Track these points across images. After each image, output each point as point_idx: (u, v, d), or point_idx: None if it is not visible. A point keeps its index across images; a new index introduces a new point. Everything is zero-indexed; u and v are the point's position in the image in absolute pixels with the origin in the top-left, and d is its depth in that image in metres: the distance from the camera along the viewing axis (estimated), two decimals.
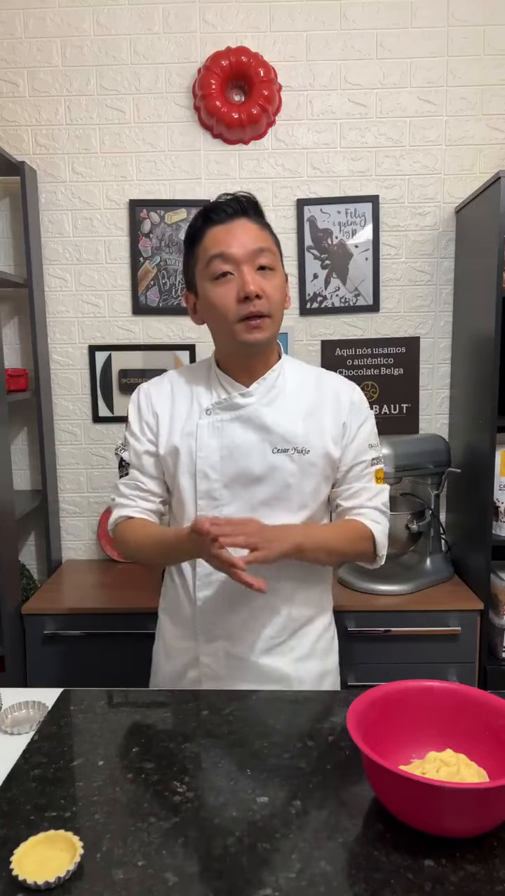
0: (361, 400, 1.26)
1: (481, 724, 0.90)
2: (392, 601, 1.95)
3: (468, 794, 0.76)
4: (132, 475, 1.26)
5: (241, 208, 1.17)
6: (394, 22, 2.09)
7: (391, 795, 0.82)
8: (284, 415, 1.19)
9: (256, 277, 1.13)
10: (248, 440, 1.18)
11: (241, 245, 1.13)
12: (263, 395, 1.20)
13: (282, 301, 1.18)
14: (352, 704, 0.88)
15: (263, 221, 1.19)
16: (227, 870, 0.76)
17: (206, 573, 1.20)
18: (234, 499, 1.20)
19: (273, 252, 1.16)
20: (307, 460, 1.19)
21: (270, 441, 1.18)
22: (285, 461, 1.18)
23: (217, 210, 1.17)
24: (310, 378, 1.26)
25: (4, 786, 0.91)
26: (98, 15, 2.11)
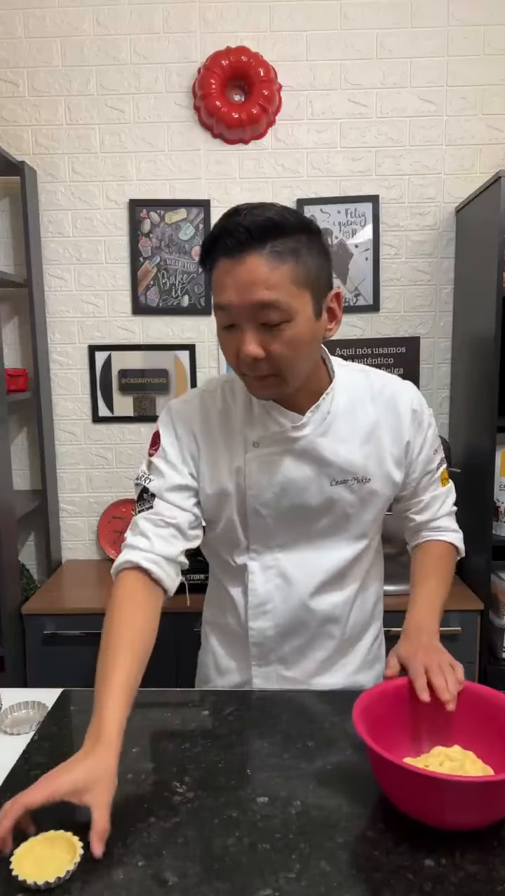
0: (420, 405, 1.13)
1: (498, 724, 0.90)
2: (392, 601, 1.93)
3: (459, 786, 0.76)
4: (157, 509, 1.06)
5: (251, 237, 0.88)
6: (394, 22, 2.09)
7: (391, 786, 0.82)
8: (340, 443, 1.07)
9: (257, 337, 0.93)
10: (303, 474, 1.07)
11: (241, 297, 0.90)
12: (317, 425, 1.06)
13: (301, 353, 0.96)
14: (360, 697, 0.89)
15: (281, 251, 0.89)
16: (227, 870, 0.76)
17: (259, 603, 1.13)
18: (289, 531, 1.11)
19: (285, 302, 0.90)
20: (368, 489, 1.09)
21: (327, 474, 1.07)
22: (344, 492, 1.09)
23: (223, 238, 0.91)
24: (361, 387, 1.12)
25: (4, 786, 0.91)
26: (98, 15, 2.11)
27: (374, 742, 0.80)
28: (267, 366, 0.95)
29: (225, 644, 1.22)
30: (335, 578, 1.14)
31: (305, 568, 1.12)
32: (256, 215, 0.89)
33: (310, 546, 1.12)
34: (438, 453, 1.19)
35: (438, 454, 1.19)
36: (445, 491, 1.22)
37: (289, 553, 1.12)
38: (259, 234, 0.88)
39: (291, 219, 0.91)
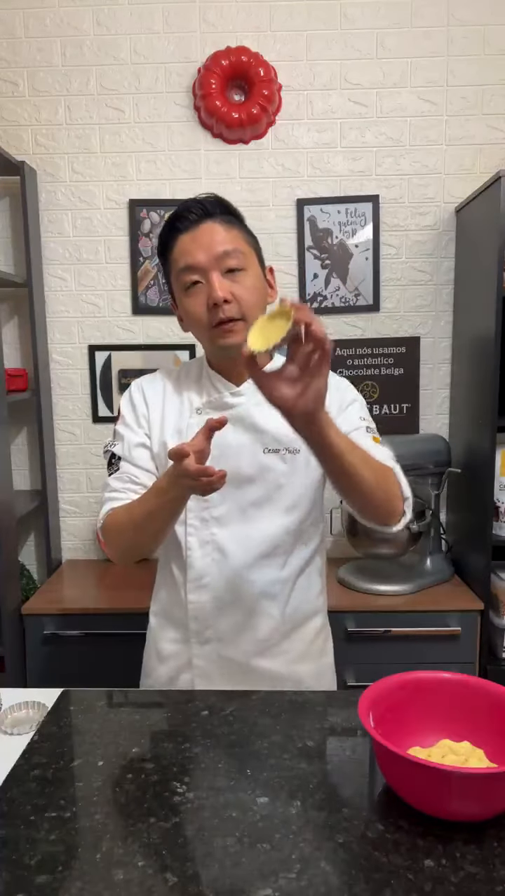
0: (346, 387, 1.24)
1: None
2: (392, 601, 1.95)
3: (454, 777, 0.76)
4: (124, 468, 1.21)
5: (206, 211, 1.13)
6: (394, 22, 2.09)
7: (393, 776, 0.84)
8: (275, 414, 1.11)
9: (224, 282, 1.10)
10: (238, 440, 1.17)
11: (205, 251, 1.10)
12: (253, 394, 1.11)
13: (257, 301, 1.13)
14: (367, 689, 0.90)
15: (231, 219, 1.15)
16: (227, 870, 0.76)
17: (197, 576, 1.20)
18: (225, 499, 1.17)
19: (242, 252, 1.13)
20: (299, 459, 1.17)
21: (261, 441, 1.17)
22: (276, 461, 1.17)
23: (181, 218, 1.14)
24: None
25: (4, 786, 0.91)
26: (98, 15, 2.11)
27: (378, 733, 0.81)
28: (234, 308, 1.10)
29: (166, 627, 1.27)
30: (271, 551, 1.18)
31: (240, 541, 1.18)
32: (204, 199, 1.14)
33: (244, 519, 1.18)
34: (364, 421, 1.20)
35: (364, 422, 1.19)
36: (377, 446, 1.15)
37: (225, 527, 1.18)
38: (211, 208, 1.14)
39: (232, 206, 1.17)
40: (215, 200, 1.15)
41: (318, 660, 1.28)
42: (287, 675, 1.23)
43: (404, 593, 1.98)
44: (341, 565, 2.16)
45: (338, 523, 2.19)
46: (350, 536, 2.09)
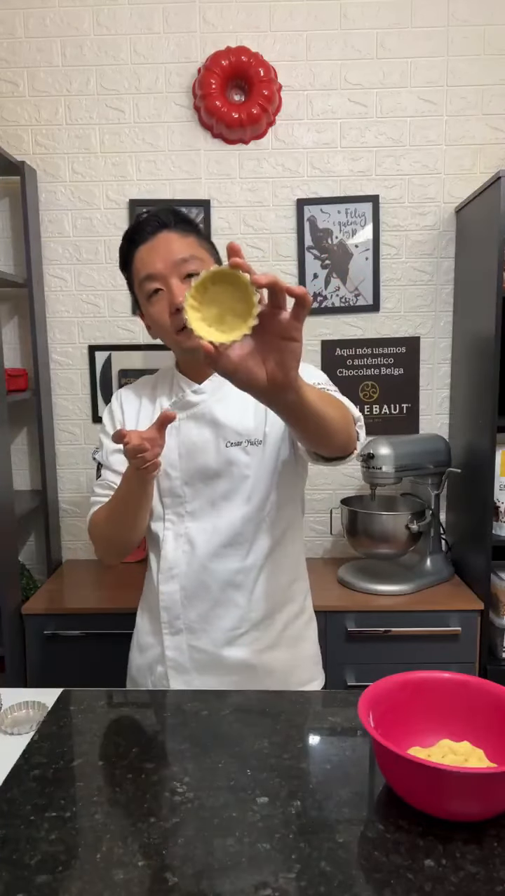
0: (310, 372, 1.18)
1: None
2: (392, 601, 1.95)
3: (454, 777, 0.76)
4: (104, 475, 1.30)
5: (161, 222, 1.17)
6: (394, 22, 2.09)
7: (392, 775, 0.84)
8: (234, 408, 1.21)
9: (184, 287, 1.14)
10: (202, 437, 1.22)
11: (164, 259, 1.15)
12: (214, 392, 1.22)
13: None
14: (367, 689, 0.90)
15: (186, 228, 1.19)
16: (227, 870, 0.76)
17: (168, 567, 1.25)
18: (196, 495, 1.23)
19: (200, 258, 1.17)
20: (261, 450, 1.20)
21: (223, 436, 1.21)
22: (239, 454, 1.20)
23: (138, 230, 1.18)
24: None
25: (4, 786, 0.91)
26: (98, 15, 2.11)
27: (378, 733, 0.81)
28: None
29: (146, 619, 1.33)
30: (233, 541, 1.21)
31: (206, 532, 1.22)
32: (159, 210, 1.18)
33: (213, 512, 1.22)
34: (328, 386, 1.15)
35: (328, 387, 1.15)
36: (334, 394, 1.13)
37: (197, 521, 1.23)
38: (166, 219, 1.17)
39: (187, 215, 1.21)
40: (170, 211, 1.19)
41: (292, 648, 1.29)
42: (258, 664, 1.25)
43: (404, 593, 1.98)
44: (341, 565, 2.16)
45: (338, 523, 2.19)
46: (350, 536, 2.09)
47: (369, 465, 1.97)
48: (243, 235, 2.19)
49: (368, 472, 1.99)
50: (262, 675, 1.25)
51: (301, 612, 1.32)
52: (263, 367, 0.78)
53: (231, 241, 0.75)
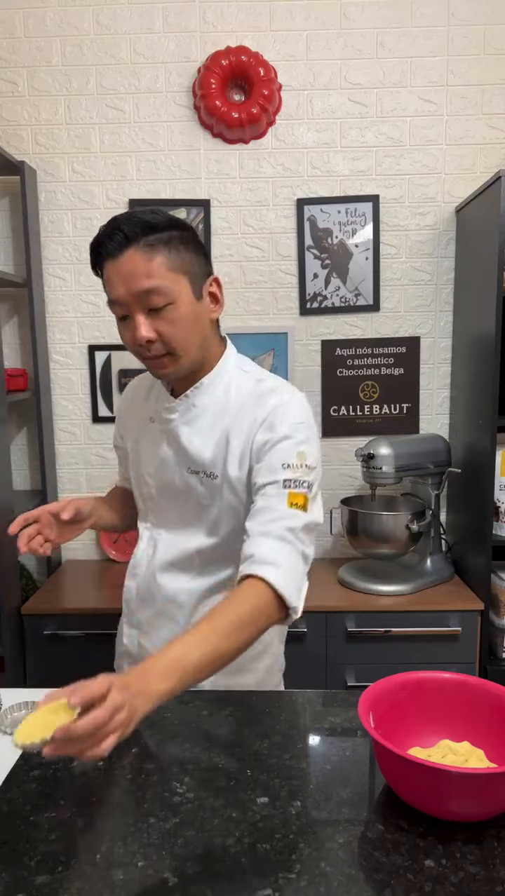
0: (282, 415, 1.09)
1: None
2: (392, 601, 1.95)
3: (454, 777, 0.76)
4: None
5: (126, 237, 1.02)
6: (394, 21, 2.09)
7: (392, 776, 0.84)
8: (199, 435, 1.15)
9: (148, 322, 1.04)
10: (169, 456, 1.19)
11: (126, 287, 1.03)
12: (183, 413, 1.16)
13: (187, 331, 1.06)
14: (367, 689, 0.90)
15: (154, 244, 1.02)
16: (227, 870, 0.76)
17: (133, 564, 1.28)
18: (167, 506, 1.22)
19: (163, 288, 1.02)
20: (215, 485, 1.14)
21: (184, 461, 1.17)
22: (197, 483, 1.16)
23: (103, 244, 1.04)
24: (244, 391, 1.14)
25: (4, 786, 0.91)
26: (98, 14, 2.11)
27: (378, 733, 0.81)
28: (160, 346, 1.07)
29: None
30: (183, 563, 1.20)
31: (167, 545, 1.22)
32: (128, 219, 1.03)
33: (180, 528, 1.20)
34: (289, 471, 1.06)
35: (289, 471, 1.06)
36: (288, 512, 1.04)
37: (167, 530, 1.23)
38: (132, 233, 1.02)
39: (161, 217, 1.04)
40: (138, 222, 1.02)
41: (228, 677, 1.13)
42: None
43: (404, 593, 1.98)
44: (341, 565, 2.16)
45: (338, 523, 2.19)
46: (350, 536, 2.09)
47: (369, 465, 1.97)
48: (243, 235, 2.19)
49: (368, 472, 1.99)
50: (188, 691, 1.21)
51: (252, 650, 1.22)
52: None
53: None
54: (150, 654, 1.12)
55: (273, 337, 2.22)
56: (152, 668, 0.84)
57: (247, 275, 2.21)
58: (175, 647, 0.87)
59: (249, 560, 1.00)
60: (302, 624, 1.89)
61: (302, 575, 1.04)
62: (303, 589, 1.04)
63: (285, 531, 1.03)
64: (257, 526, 1.04)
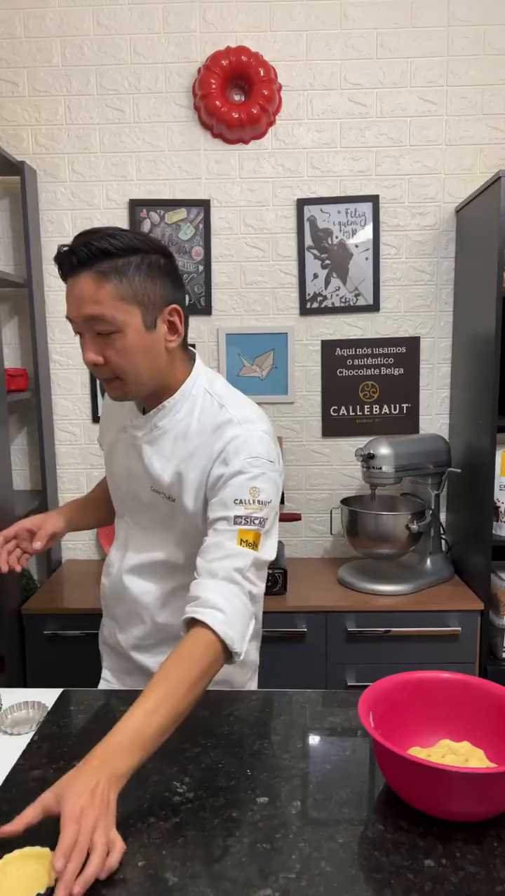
0: (236, 450, 1.08)
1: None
2: (392, 601, 1.95)
3: (454, 777, 0.76)
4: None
5: (79, 260, 1.00)
6: (394, 22, 2.09)
7: (392, 775, 0.84)
8: (158, 458, 1.15)
9: (96, 345, 1.04)
10: (136, 470, 1.19)
11: (77, 310, 1.02)
12: (147, 433, 1.16)
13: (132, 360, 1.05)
14: (366, 690, 0.90)
15: (106, 270, 1.00)
16: (226, 870, 0.76)
17: (108, 562, 1.31)
18: (138, 513, 1.23)
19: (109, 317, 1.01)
20: (175, 507, 1.15)
21: (147, 479, 1.17)
22: (160, 502, 1.17)
23: (60, 265, 1.04)
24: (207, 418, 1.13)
25: (4, 786, 0.91)
26: (98, 15, 2.11)
27: (378, 733, 0.81)
28: (107, 370, 1.06)
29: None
30: (146, 569, 1.23)
31: (137, 547, 1.24)
32: (86, 242, 1.00)
33: (150, 531, 1.22)
34: (241, 507, 1.05)
35: (241, 507, 1.05)
36: (232, 548, 1.03)
37: (140, 531, 1.24)
38: (85, 259, 1.00)
39: (120, 243, 1.01)
40: (94, 249, 1.00)
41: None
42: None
43: (404, 593, 1.98)
44: (341, 565, 2.16)
45: (338, 523, 2.19)
46: (350, 536, 2.09)
47: (369, 465, 1.97)
48: (243, 235, 2.20)
49: (368, 473, 1.99)
50: None
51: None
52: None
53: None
54: (123, 651, 1.25)
55: (273, 337, 2.22)
56: (115, 747, 0.82)
57: (247, 275, 2.21)
58: (133, 719, 0.85)
59: (195, 602, 1.00)
60: (302, 624, 1.89)
61: (247, 617, 1.02)
62: (247, 632, 1.02)
63: (233, 572, 1.01)
64: (206, 564, 1.03)
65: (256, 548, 1.04)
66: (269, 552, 1.08)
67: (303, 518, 2.29)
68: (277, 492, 1.10)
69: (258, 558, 1.04)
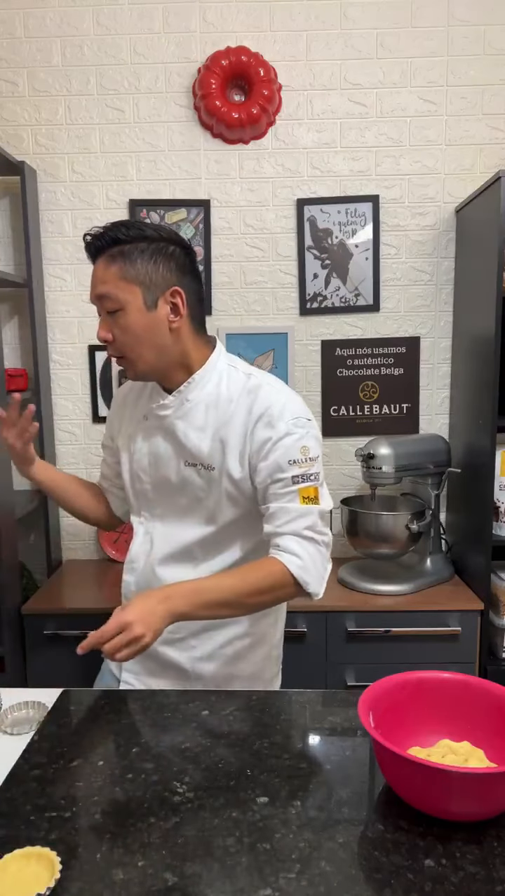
0: (280, 413, 1.16)
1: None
2: (392, 601, 1.95)
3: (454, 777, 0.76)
4: (103, 461, 1.46)
5: (96, 248, 1.14)
6: (394, 22, 2.09)
7: (391, 775, 0.84)
8: (194, 429, 1.20)
9: (106, 322, 1.16)
10: (166, 450, 1.24)
11: (92, 291, 1.16)
12: (177, 408, 1.21)
13: (136, 337, 1.15)
14: (367, 689, 0.90)
15: (114, 254, 1.13)
16: (226, 870, 0.76)
17: (130, 560, 1.32)
18: (163, 502, 1.27)
19: (114, 295, 1.12)
20: (212, 476, 1.20)
21: (181, 454, 1.22)
22: (194, 475, 1.21)
23: (87, 252, 1.17)
24: (235, 387, 1.20)
25: (4, 786, 0.91)
26: (98, 15, 2.11)
27: (378, 733, 0.81)
28: (114, 348, 1.17)
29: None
30: (181, 554, 1.25)
31: (165, 538, 1.27)
32: (102, 232, 1.13)
33: (176, 520, 1.26)
34: (296, 466, 1.15)
35: (296, 467, 1.15)
36: (301, 509, 1.15)
37: (162, 523, 1.27)
38: (100, 246, 1.14)
39: (130, 231, 1.13)
40: (107, 237, 1.13)
41: (228, 665, 1.27)
42: (190, 669, 1.26)
43: (404, 593, 1.98)
44: (341, 565, 2.16)
45: (338, 523, 2.19)
46: (350, 536, 2.09)
47: (369, 465, 1.97)
48: (243, 235, 2.20)
49: (368, 473, 1.99)
50: (193, 680, 1.26)
51: (245, 635, 1.27)
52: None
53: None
54: (150, 648, 1.20)
55: (273, 337, 2.22)
56: (181, 589, 1.08)
57: (247, 275, 2.21)
58: (201, 580, 1.12)
59: (275, 549, 1.15)
60: (302, 624, 1.89)
61: (324, 563, 1.17)
62: (326, 574, 1.17)
63: (304, 530, 1.15)
64: (277, 529, 1.15)
65: (318, 501, 1.17)
66: (328, 501, 1.19)
67: None
68: (320, 445, 1.21)
69: (322, 511, 1.17)
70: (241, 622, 1.27)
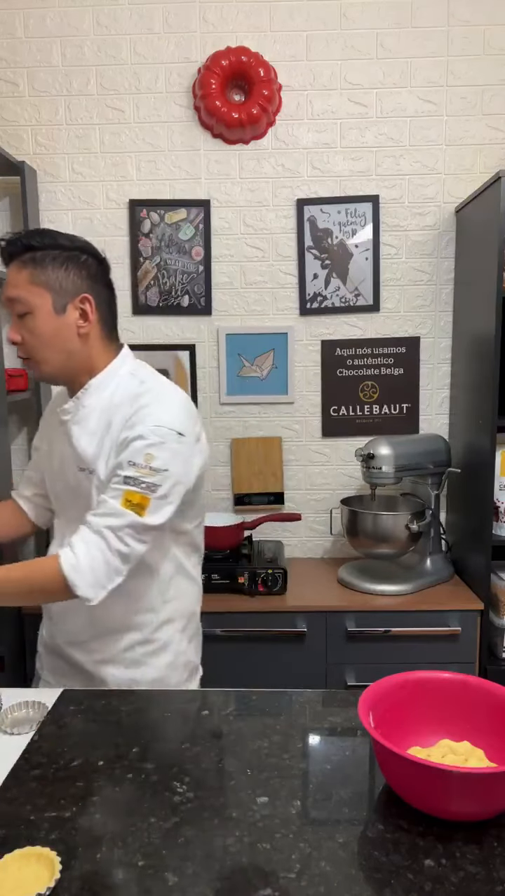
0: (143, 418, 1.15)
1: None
2: (392, 601, 1.95)
3: (454, 777, 0.76)
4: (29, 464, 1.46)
5: (8, 254, 1.18)
6: (394, 22, 2.09)
7: (391, 774, 0.84)
8: (87, 434, 1.21)
9: (16, 325, 1.19)
10: (65, 455, 1.25)
11: (3, 295, 1.18)
12: (74, 413, 1.23)
13: (42, 342, 1.19)
14: (366, 689, 0.90)
15: (26, 260, 1.16)
16: (226, 870, 0.76)
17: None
18: (69, 504, 1.27)
19: (23, 299, 1.16)
20: (94, 479, 1.20)
21: (75, 459, 1.23)
22: (84, 480, 1.22)
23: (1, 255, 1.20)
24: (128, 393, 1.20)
25: (4, 786, 0.91)
26: (98, 15, 2.11)
27: (378, 733, 0.81)
28: (23, 350, 1.22)
29: None
30: None
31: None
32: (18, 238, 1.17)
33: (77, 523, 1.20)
34: (132, 468, 1.13)
35: (132, 469, 1.13)
36: (114, 507, 1.12)
37: (70, 527, 1.25)
38: (11, 251, 1.17)
39: (44, 240, 1.17)
40: (18, 240, 1.17)
41: (130, 669, 1.26)
42: (93, 672, 1.27)
43: (404, 593, 1.98)
44: (341, 565, 2.16)
45: (338, 523, 2.19)
46: (350, 536, 2.09)
47: (369, 465, 1.97)
48: (243, 235, 2.20)
49: (368, 473, 1.99)
50: (97, 682, 1.27)
51: (146, 642, 1.27)
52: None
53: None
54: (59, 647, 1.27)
55: (273, 337, 2.23)
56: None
57: (247, 275, 2.21)
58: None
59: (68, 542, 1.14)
60: (302, 624, 1.89)
61: (106, 570, 1.12)
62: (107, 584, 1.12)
63: (104, 528, 1.12)
64: (88, 516, 1.14)
65: (142, 511, 1.12)
66: (156, 519, 1.14)
67: (303, 518, 2.29)
68: (181, 463, 1.16)
69: (139, 522, 1.12)
70: (142, 628, 1.26)
